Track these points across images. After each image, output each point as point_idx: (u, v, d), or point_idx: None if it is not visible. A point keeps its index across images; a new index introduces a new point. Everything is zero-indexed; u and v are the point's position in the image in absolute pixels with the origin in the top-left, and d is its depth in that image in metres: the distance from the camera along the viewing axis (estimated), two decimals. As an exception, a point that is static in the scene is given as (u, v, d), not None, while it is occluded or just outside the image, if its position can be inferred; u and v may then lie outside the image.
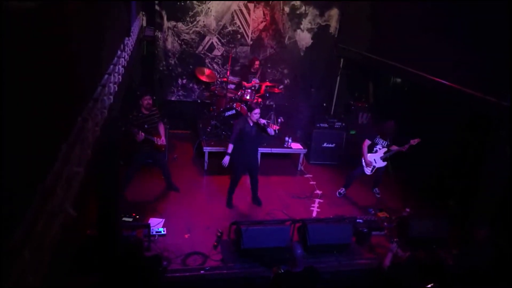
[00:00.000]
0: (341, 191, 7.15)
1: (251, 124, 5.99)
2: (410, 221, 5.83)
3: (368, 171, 6.85)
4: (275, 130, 6.16)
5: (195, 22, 8.51)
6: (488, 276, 4.39)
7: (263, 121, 5.99)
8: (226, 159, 6.05)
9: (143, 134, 5.85)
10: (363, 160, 6.78)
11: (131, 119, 5.93)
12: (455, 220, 5.95)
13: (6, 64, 1.13)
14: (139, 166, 6.34)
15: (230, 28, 8.76)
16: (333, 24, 9.27)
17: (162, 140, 6.20)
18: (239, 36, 8.87)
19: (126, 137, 5.89)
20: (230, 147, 6.05)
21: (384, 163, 6.80)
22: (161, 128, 6.33)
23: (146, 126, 5.99)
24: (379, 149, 6.75)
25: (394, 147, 6.68)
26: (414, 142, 6.46)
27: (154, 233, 5.37)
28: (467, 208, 6.05)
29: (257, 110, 5.96)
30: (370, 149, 6.79)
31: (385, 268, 4.76)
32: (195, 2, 8.35)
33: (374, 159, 6.77)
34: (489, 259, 4.42)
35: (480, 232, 4.49)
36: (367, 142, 6.75)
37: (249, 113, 6.02)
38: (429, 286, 4.39)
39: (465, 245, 4.67)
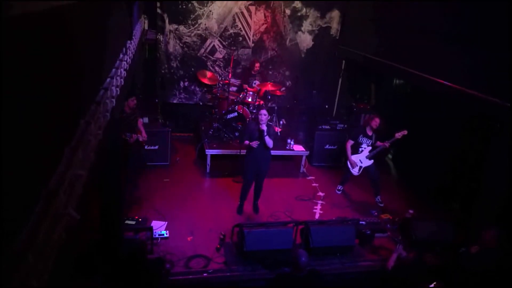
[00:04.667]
0: (339, 188, 7.26)
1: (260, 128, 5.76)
2: (413, 223, 5.81)
3: (354, 171, 6.84)
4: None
5: (196, 25, 8.54)
6: (493, 277, 4.36)
7: (264, 127, 5.67)
8: (253, 144, 5.73)
9: (135, 135, 6.00)
10: (348, 161, 6.81)
11: (122, 123, 5.94)
12: (459, 222, 5.92)
13: (8, 67, 1.13)
14: (136, 168, 6.39)
15: (231, 31, 8.77)
16: (334, 26, 9.28)
17: (144, 136, 6.27)
18: (240, 38, 8.88)
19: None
20: (246, 142, 5.82)
21: (371, 162, 6.73)
22: (140, 124, 6.41)
23: (132, 123, 6.12)
24: (364, 148, 6.73)
25: (379, 143, 6.61)
26: (399, 135, 6.33)
27: (157, 236, 5.37)
28: (471, 210, 6.03)
29: (263, 111, 5.71)
30: (356, 150, 6.77)
31: (389, 269, 4.75)
32: (196, 5, 8.38)
33: (360, 159, 6.76)
34: (495, 260, 4.40)
35: (488, 234, 4.46)
36: (350, 142, 6.78)
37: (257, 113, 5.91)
38: (432, 286, 4.37)
39: (470, 247, 4.63)
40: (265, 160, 6.02)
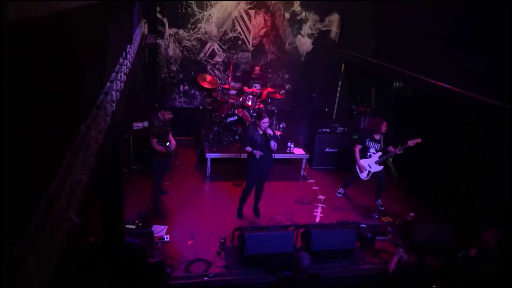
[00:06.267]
0: (340, 191, 7.23)
1: (260, 133, 5.81)
2: (414, 226, 5.80)
3: (363, 176, 6.79)
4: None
5: (196, 29, 8.56)
6: (493, 279, 4.35)
7: (269, 131, 5.77)
8: (257, 153, 5.77)
9: (173, 144, 5.96)
10: (357, 166, 6.77)
11: (154, 130, 5.92)
12: (461, 224, 5.91)
13: (9, 72, 1.14)
14: (162, 177, 6.35)
15: (231, 35, 8.80)
16: (334, 29, 9.30)
17: (174, 145, 6.18)
18: (240, 42, 8.90)
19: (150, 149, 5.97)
20: (248, 149, 5.85)
21: (381, 167, 6.69)
22: (171, 135, 6.32)
23: (166, 134, 6.05)
24: (373, 153, 6.68)
25: (391, 148, 6.54)
26: (412, 143, 6.28)
27: (157, 240, 5.36)
28: (472, 213, 6.02)
29: (266, 119, 5.75)
30: (364, 155, 6.72)
31: (391, 272, 4.73)
32: (196, 9, 8.40)
33: (369, 164, 6.71)
34: (495, 262, 4.39)
35: (489, 235, 4.45)
36: (358, 147, 6.72)
37: (258, 121, 5.88)
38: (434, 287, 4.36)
39: (469, 250, 4.62)
40: (269, 163, 6.06)
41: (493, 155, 5.71)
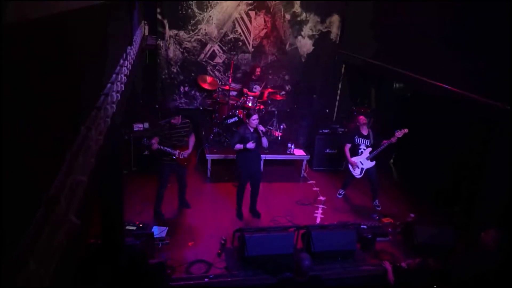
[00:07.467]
0: (341, 192, 7.23)
1: (251, 131, 5.91)
2: (414, 227, 5.80)
3: (356, 174, 6.79)
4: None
5: (196, 30, 8.57)
6: (494, 281, 4.34)
7: (261, 128, 5.90)
8: (251, 145, 5.82)
9: (156, 145, 5.57)
10: (349, 165, 6.79)
11: (155, 130, 5.71)
12: (461, 226, 5.90)
13: (9, 73, 1.14)
14: (166, 181, 6.09)
15: (231, 36, 8.81)
16: (334, 31, 9.31)
17: (185, 153, 5.86)
18: (240, 43, 8.91)
19: (144, 148, 5.65)
20: (238, 146, 5.87)
21: (372, 163, 6.67)
22: (191, 141, 6.06)
23: (173, 137, 5.78)
24: (364, 149, 6.68)
25: (384, 142, 6.45)
26: (399, 133, 6.23)
27: (158, 241, 5.35)
28: (472, 214, 6.01)
29: (255, 116, 5.86)
30: (355, 152, 6.72)
31: (392, 283, 4.69)
32: (196, 10, 8.41)
33: (361, 161, 6.71)
34: (496, 263, 4.37)
35: (488, 235, 4.44)
36: (348, 146, 6.75)
37: (247, 120, 5.98)
38: None
39: (472, 250, 4.61)
40: (257, 158, 6.15)
41: (493, 156, 5.70)
